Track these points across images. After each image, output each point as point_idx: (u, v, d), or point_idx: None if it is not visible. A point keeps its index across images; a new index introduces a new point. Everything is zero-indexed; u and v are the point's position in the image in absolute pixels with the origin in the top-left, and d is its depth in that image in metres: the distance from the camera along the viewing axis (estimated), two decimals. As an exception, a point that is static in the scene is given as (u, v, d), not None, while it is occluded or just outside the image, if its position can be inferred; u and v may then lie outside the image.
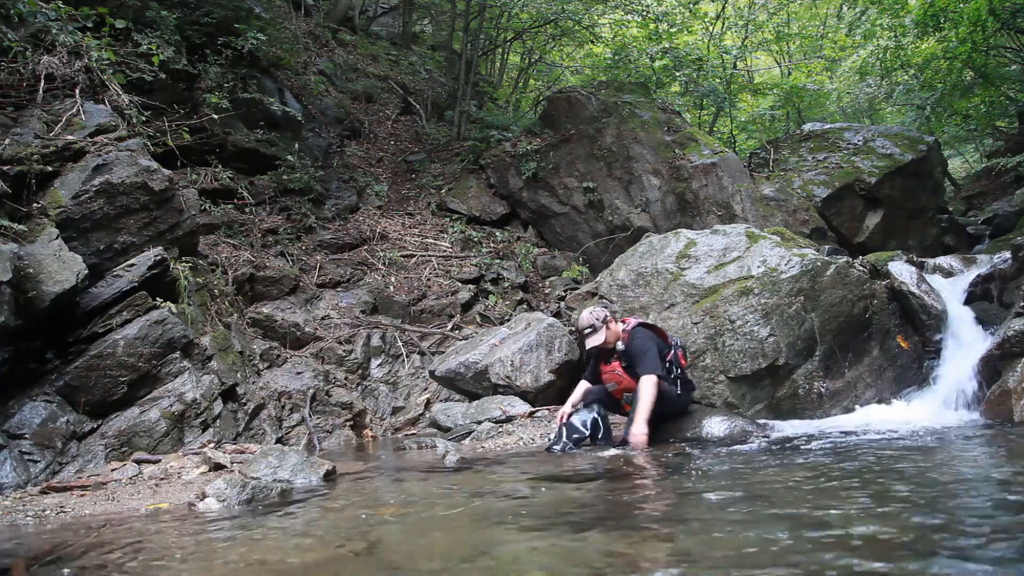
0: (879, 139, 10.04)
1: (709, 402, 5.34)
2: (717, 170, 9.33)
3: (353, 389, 6.86)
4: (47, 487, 3.98)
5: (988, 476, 3.02)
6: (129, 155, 5.44)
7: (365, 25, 14.99)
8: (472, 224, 10.12)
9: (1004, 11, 9.54)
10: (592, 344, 4.70)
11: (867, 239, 9.28)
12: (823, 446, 3.99)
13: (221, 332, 6.02)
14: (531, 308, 8.67)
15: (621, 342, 4.72)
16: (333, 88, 11.60)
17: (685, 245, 6.43)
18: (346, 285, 8.10)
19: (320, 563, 2.19)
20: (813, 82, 15.13)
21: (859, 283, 5.66)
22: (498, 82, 15.23)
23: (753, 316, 5.43)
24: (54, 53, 5.64)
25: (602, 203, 9.92)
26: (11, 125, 5.21)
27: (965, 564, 1.75)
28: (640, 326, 4.80)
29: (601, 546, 2.19)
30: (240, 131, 8.70)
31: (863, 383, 5.44)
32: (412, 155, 11.48)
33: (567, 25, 12.24)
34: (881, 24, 12.44)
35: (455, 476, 3.86)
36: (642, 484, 3.42)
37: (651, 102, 10.71)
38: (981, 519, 2.25)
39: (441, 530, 2.58)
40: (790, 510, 2.48)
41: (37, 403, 4.59)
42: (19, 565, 2.36)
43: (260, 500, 3.26)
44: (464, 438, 5.54)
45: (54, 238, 4.78)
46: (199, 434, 5.11)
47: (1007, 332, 4.75)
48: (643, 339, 4.66)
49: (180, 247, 5.94)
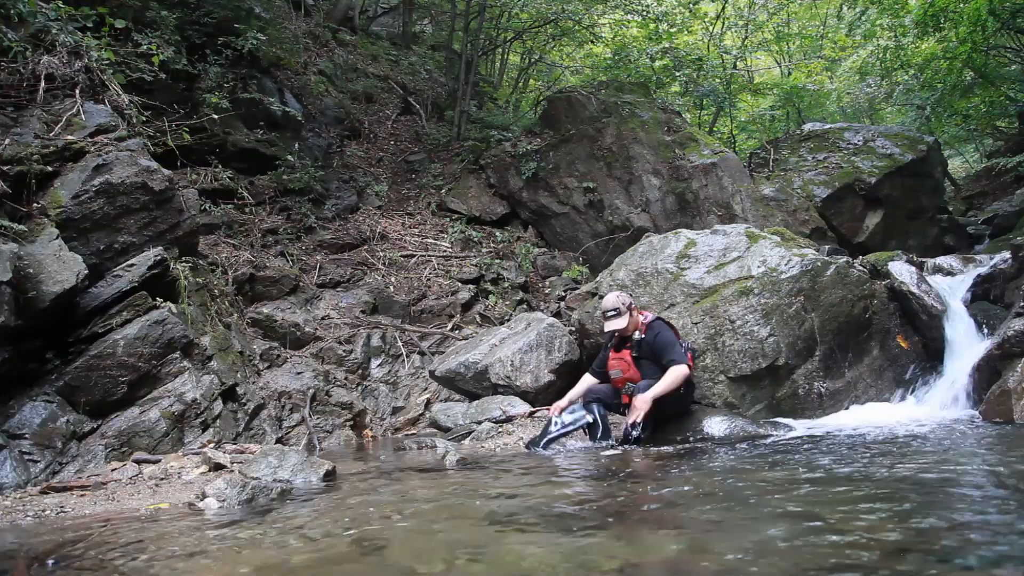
0: (879, 139, 10.03)
1: (709, 402, 5.34)
2: (717, 170, 9.34)
3: (353, 389, 6.86)
4: (47, 487, 3.98)
5: (988, 476, 3.02)
6: (129, 155, 5.44)
7: (365, 25, 14.99)
8: (472, 224, 10.12)
9: (1004, 11, 9.54)
10: (612, 327, 4.70)
11: (867, 239, 9.28)
12: (823, 446, 3.99)
13: (221, 332, 6.02)
14: (531, 308, 8.67)
15: (639, 332, 4.74)
16: (333, 88, 11.59)
17: (685, 245, 6.43)
18: (346, 285, 8.10)
19: (320, 563, 2.19)
20: (813, 82, 15.12)
21: (859, 283, 5.66)
22: (498, 82, 15.22)
23: (753, 316, 5.43)
24: (54, 53, 5.63)
25: (602, 203, 9.92)
26: (11, 125, 5.21)
27: (966, 564, 1.75)
28: (659, 320, 4.83)
29: (601, 546, 2.19)
30: (240, 131, 8.70)
31: (863, 383, 5.44)
32: (412, 155, 11.48)
33: (567, 25, 12.23)
34: (881, 24, 12.45)
35: (455, 476, 3.86)
36: (642, 484, 3.42)
37: (651, 102, 10.71)
38: (982, 519, 2.25)
39: (441, 530, 2.58)
40: (790, 510, 2.48)
41: (37, 403, 4.59)
42: (19, 565, 2.36)
43: (260, 500, 3.26)
44: (464, 438, 5.54)
45: (54, 238, 4.78)
46: (199, 434, 5.10)
47: (1007, 332, 4.75)
48: (667, 333, 4.71)
49: (180, 247, 5.94)
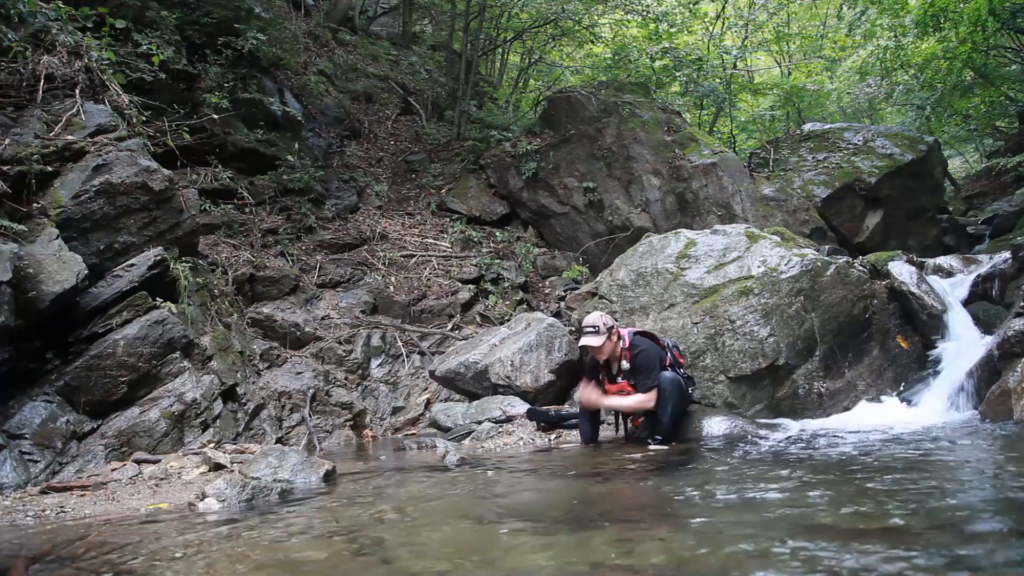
0: (879, 139, 10.03)
1: (709, 402, 5.34)
2: (717, 170, 9.33)
3: (353, 389, 6.86)
4: (47, 487, 3.98)
5: (989, 476, 3.02)
6: (129, 155, 5.43)
7: (365, 25, 14.98)
8: (472, 224, 10.11)
9: (1004, 11, 9.53)
10: (586, 343, 4.67)
11: (867, 239, 9.27)
12: (823, 446, 3.99)
13: (221, 332, 6.02)
14: (531, 308, 8.67)
15: (625, 360, 4.71)
16: (333, 88, 11.59)
17: (685, 245, 6.43)
18: (346, 285, 8.10)
19: (320, 563, 2.19)
20: (813, 82, 15.12)
21: (859, 283, 5.66)
22: (498, 82, 15.22)
23: (753, 316, 5.43)
24: (54, 53, 5.63)
25: (602, 203, 9.92)
26: (11, 125, 5.21)
27: (967, 563, 1.75)
28: (637, 335, 4.79)
29: (602, 545, 2.19)
30: (240, 131, 8.70)
31: (863, 383, 5.44)
32: (412, 155, 11.48)
33: (567, 25, 12.23)
34: (881, 24, 12.46)
35: (455, 476, 3.85)
36: (643, 484, 3.42)
37: (651, 102, 10.71)
38: (983, 519, 2.25)
39: (441, 530, 2.58)
40: (790, 510, 2.48)
41: (37, 403, 4.59)
42: (19, 565, 2.36)
43: (260, 500, 3.26)
44: (464, 438, 5.54)
45: (54, 238, 4.78)
46: (199, 434, 5.11)
47: (1007, 332, 4.74)
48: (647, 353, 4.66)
49: (180, 247, 5.94)
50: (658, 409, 4.56)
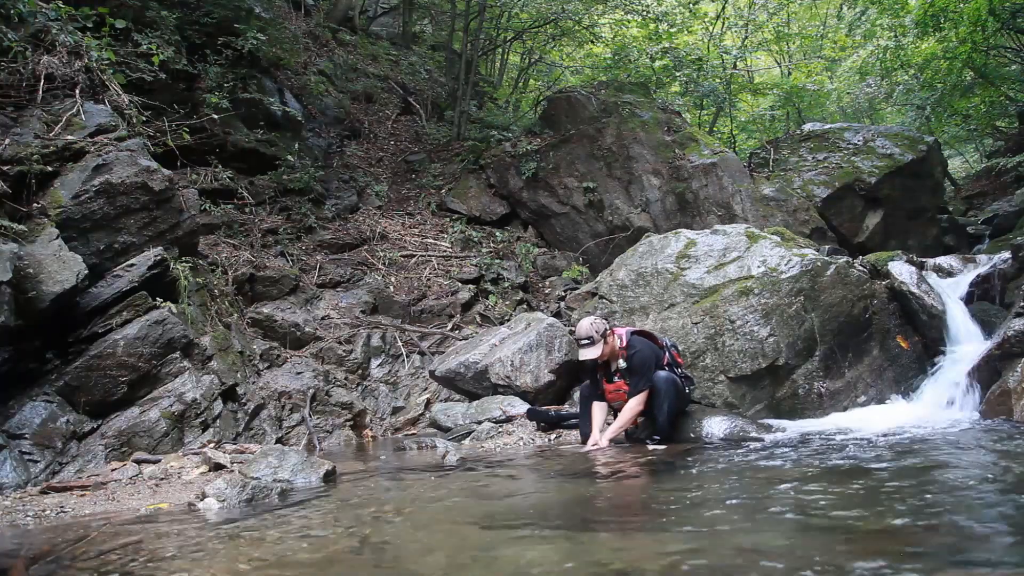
0: (879, 139, 10.03)
1: (709, 402, 5.33)
2: (717, 170, 9.33)
3: (353, 389, 6.86)
4: (47, 487, 3.98)
5: (989, 475, 3.02)
6: (129, 155, 5.43)
7: (365, 25, 14.97)
8: (472, 224, 10.11)
9: (1004, 11, 9.53)
10: (586, 357, 4.67)
11: (867, 239, 9.27)
12: (823, 446, 3.99)
13: (221, 332, 6.02)
14: (531, 308, 8.67)
15: (622, 359, 4.70)
16: (333, 88, 11.59)
17: (685, 245, 6.43)
18: (346, 285, 8.10)
19: (320, 563, 2.19)
20: (813, 82, 15.11)
21: (859, 283, 5.66)
22: (498, 82, 15.21)
23: (753, 316, 5.43)
24: (54, 53, 5.63)
25: (602, 203, 9.92)
26: (11, 125, 5.21)
27: (967, 563, 1.75)
28: (634, 335, 4.78)
29: (602, 546, 2.19)
30: (240, 131, 8.70)
31: (863, 383, 5.44)
32: (412, 155, 11.48)
33: (567, 25, 12.23)
34: (881, 24, 12.46)
35: (455, 476, 3.86)
36: (643, 484, 3.42)
37: (651, 102, 10.70)
38: (983, 519, 2.25)
39: (441, 530, 2.58)
40: (790, 510, 2.48)
41: (37, 403, 4.59)
42: (19, 565, 2.36)
43: (260, 500, 3.26)
44: (464, 438, 5.54)
45: (54, 238, 4.78)
46: (199, 434, 5.11)
47: (1007, 332, 4.74)
48: (643, 352, 4.65)
49: (180, 247, 5.94)
50: (655, 409, 4.57)
